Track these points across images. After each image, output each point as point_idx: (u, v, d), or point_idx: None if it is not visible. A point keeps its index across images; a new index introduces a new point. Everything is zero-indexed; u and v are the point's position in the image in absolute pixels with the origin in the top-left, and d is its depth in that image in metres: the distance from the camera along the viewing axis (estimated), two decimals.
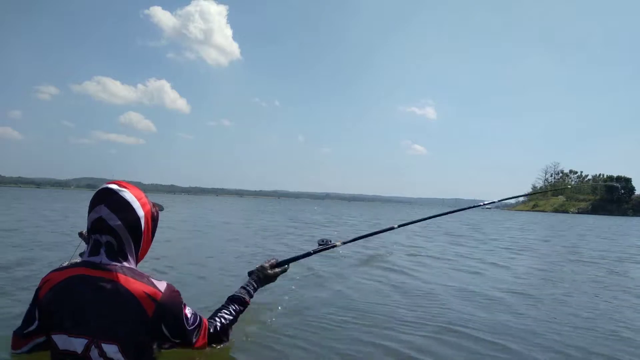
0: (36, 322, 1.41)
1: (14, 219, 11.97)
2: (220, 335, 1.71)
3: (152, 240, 1.56)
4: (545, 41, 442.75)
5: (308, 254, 2.13)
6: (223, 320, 1.74)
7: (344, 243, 2.16)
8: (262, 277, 1.97)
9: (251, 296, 1.91)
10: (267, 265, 2.01)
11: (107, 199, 1.42)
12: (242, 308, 1.86)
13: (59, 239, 7.45)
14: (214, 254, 6.53)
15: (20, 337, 1.44)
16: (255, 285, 1.95)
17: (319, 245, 2.12)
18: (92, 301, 1.34)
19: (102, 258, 1.40)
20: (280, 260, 2.06)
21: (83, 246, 2.92)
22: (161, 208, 1.64)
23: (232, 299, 1.87)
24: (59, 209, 18.36)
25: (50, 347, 1.40)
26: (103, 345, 1.33)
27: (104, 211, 1.41)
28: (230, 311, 1.81)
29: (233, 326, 1.80)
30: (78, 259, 3.00)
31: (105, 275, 1.36)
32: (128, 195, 1.44)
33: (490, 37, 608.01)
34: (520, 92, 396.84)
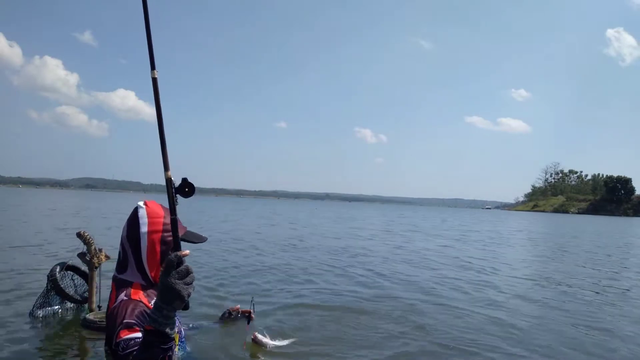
0: None
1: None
2: None
3: (160, 262, 1.51)
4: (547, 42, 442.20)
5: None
6: None
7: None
8: None
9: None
10: None
11: (130, 213, 1.59)
12: None
13: None
14: None
15: None
16: None
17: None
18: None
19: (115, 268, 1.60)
20: None
21: (82, 247, 2.87)
22: (203, 239, 1.62)
23: None
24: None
25: None
26: (105, 348, 1.54)
27: (125, 224, 1.60)
28: None
29: None
30: (76, 260, 2.95)
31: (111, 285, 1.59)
32: (142, 211, 1.55)
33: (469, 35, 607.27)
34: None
